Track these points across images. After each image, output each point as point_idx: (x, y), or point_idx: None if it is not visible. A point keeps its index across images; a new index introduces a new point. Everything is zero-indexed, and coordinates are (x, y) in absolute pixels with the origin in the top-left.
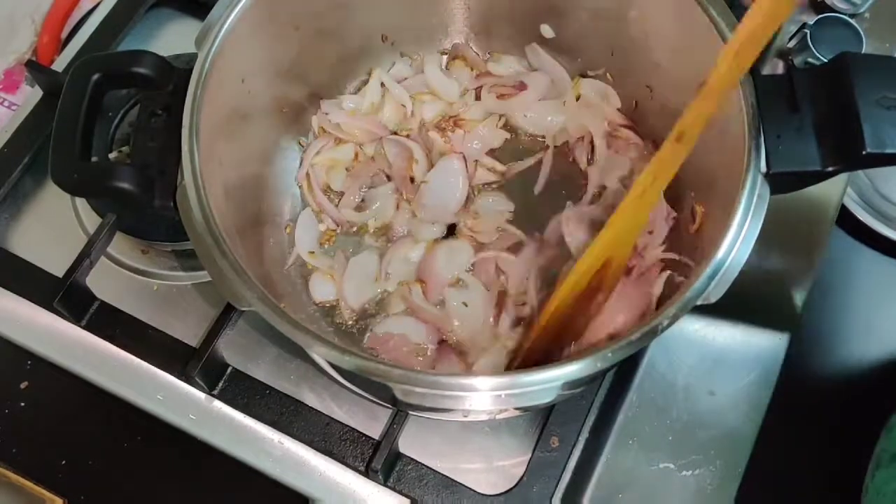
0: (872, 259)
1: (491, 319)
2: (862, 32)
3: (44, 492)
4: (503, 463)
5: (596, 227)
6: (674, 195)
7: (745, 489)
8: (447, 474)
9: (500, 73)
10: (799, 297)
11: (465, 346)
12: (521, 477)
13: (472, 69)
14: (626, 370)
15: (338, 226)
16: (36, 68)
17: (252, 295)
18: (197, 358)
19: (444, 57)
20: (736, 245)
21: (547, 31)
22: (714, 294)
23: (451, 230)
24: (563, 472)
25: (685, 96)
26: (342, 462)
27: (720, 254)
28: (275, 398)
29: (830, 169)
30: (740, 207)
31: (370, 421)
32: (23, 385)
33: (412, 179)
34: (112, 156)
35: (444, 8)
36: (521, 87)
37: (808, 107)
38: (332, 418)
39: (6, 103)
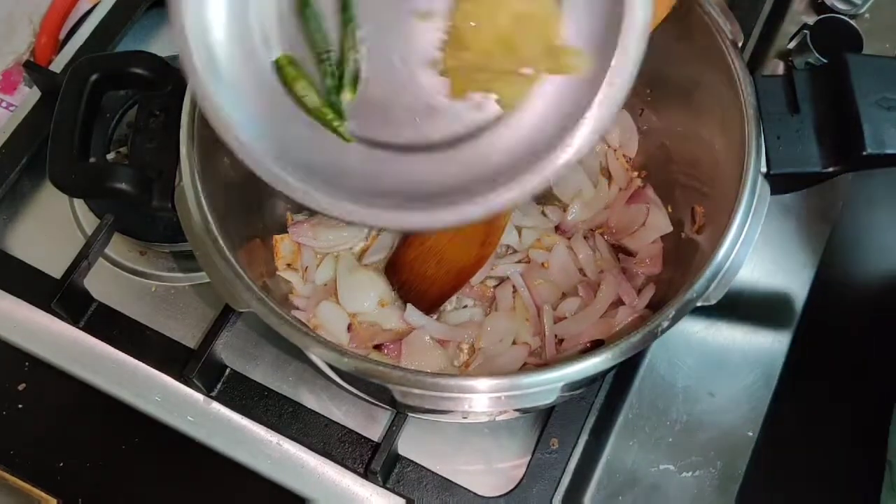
0: None
1: None
2: (862, 33)
3: (41, 493)
4: (503, 465)
5: None
6: (674, 196)
7: (745, 490)
8: (446, 476)
9: None
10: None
11: None
12: (521, 479)
13: None
14: (626, 372)
15: None
16: (34, 69)
17: (250, 296)
18: (195, 359)
19: None
20: (736, 246)
21: None
22: (714, 295)
23: None
24: (562, 474)
25: (684, 97)
26: (341, 464)
27: (720, 255)
28: (273, 400)
29: (830, 170)
30: (741, 208)
31: (369, 423)
32: (20, 387)
33: None
34: (110, 156)
35: None
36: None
37: (809, 108)
38: (331, 420)
39: (4, 104)
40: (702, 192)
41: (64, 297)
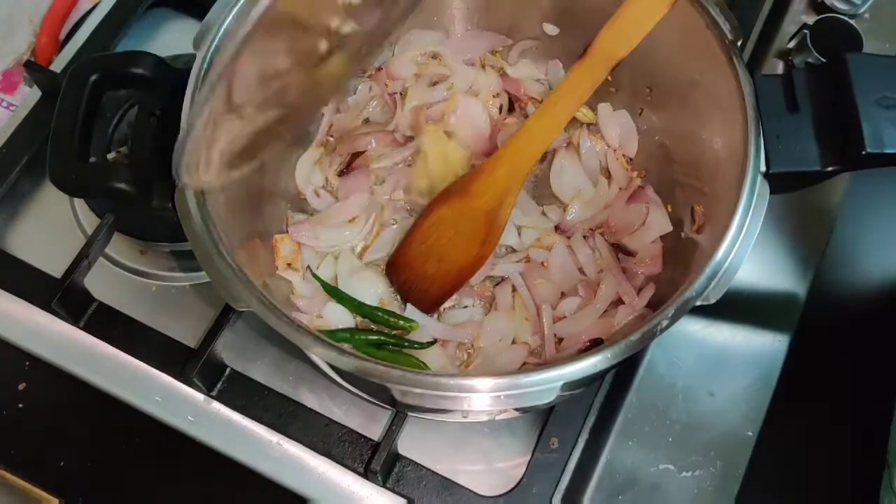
0: None
1: None
2: (861, 33)
3: (42, 493)
4: (503, 464)
5: None
6: (674, 195)
7: (745, 490)
8: (446, 475)
9: (518, 76)
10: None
11: None
12: (521, 478)
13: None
14: (625, 371)
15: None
16: (34, 69)
17: (250, 296)
18: (195, 359)
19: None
20: (736, 245)
21: (550, 29)
22: (713, 294)
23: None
24: (562, 474)
25: (684, 96)
26: (341, 463)
27: (720, 254)
28: (273, 399)
29: (830, 169)
30: (740, 207)
31: (369, 422)
32: (21, 386)
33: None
34: (110, 156)
35: (444, 9)
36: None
37: (808, 107)
38: (331, 419)
39: (4, 104)
40: (701, 192)
41: (64, 296)
